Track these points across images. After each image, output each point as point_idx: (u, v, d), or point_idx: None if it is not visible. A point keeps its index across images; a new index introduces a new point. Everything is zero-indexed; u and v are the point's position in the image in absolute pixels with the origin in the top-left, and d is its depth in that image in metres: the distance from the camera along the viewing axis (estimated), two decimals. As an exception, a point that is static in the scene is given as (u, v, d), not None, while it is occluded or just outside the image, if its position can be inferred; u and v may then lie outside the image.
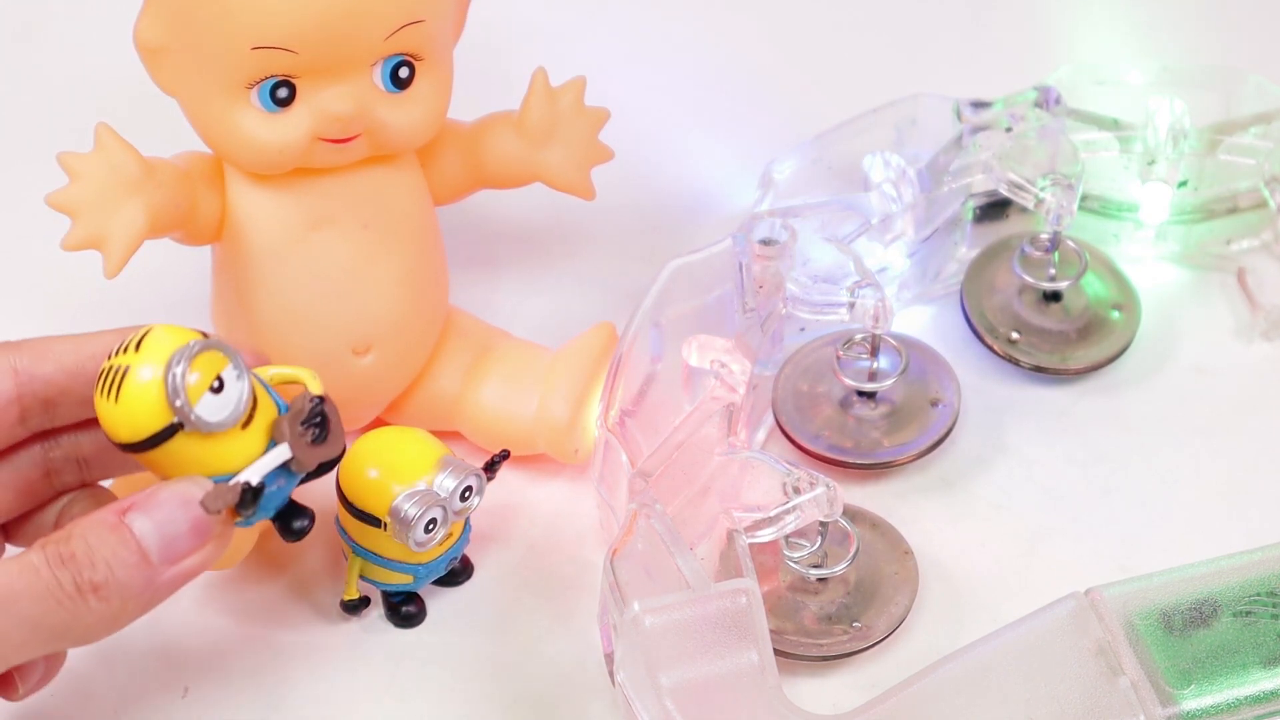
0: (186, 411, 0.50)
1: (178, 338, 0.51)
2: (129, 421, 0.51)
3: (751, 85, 0.81)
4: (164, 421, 0.51)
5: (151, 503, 0.50)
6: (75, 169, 0.58)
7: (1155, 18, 0.84)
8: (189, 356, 0.51)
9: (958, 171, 0.69)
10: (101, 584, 0.49)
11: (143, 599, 0.50)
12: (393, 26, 0.58)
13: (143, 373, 0.51)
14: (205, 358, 0.51)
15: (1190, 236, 0.72)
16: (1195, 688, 0.54)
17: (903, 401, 0.67)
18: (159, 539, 0.50)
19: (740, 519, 0.59)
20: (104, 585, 0.49)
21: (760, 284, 0.64)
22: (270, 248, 0.61)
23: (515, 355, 0.66)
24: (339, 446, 0.54)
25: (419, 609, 0.62)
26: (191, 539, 0.51)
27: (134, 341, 0.51)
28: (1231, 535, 0.63)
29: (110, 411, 0.51)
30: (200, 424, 0.51)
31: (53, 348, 0.54)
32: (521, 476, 0.66)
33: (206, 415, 0.51)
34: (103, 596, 0.49)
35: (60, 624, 0.49)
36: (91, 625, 0.50)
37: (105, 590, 0.49)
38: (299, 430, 0.53)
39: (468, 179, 0.65)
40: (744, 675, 0.54)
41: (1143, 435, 0.67)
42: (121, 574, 0.49)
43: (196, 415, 0.51)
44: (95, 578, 0.49)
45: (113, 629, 0.50)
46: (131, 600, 0.50)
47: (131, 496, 0.51)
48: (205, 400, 0.51)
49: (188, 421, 0.50)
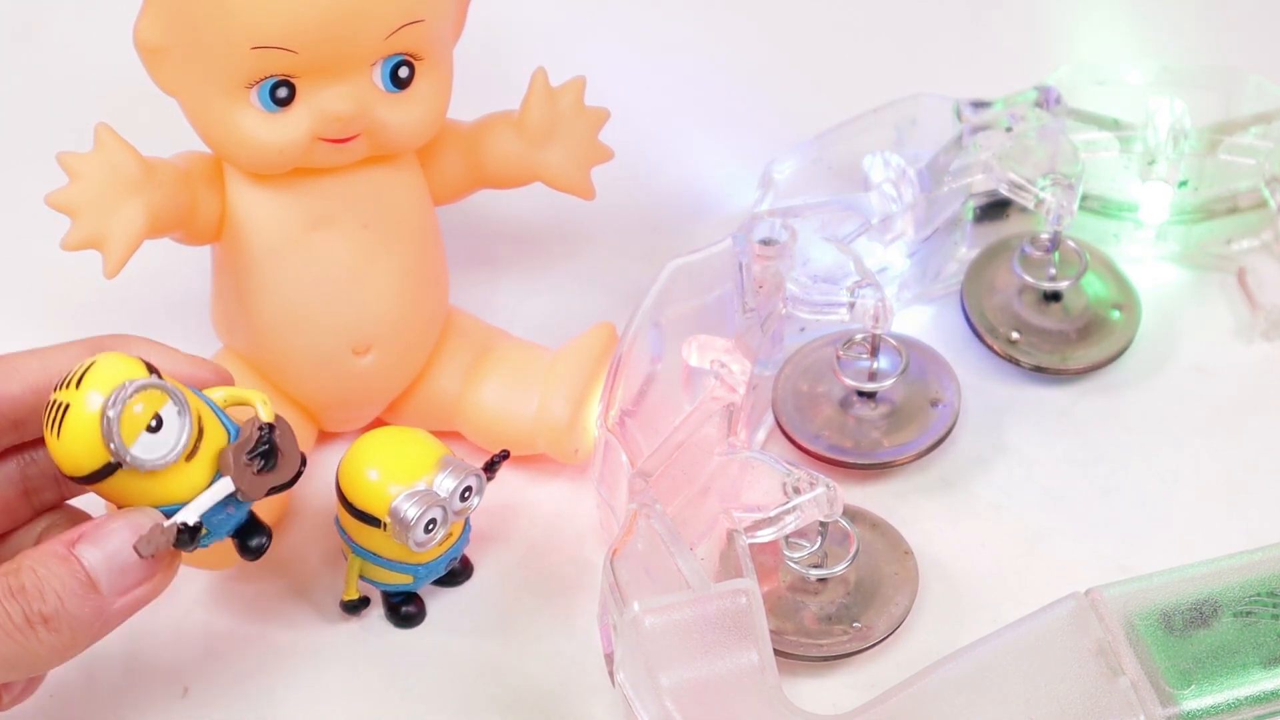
0: (121, 452, 0.50)
1: (120, 372, 0.51)
2: (70, 457, 0.51)
3: (751, 85, 0.81)
4: (102, 460, 0.50)
5: (100, 533, 0.50)
6: (75, 169, 0.58)
7: (1155, 18, 0.84)
8: (124, 398, 0.50)
9: (958, 171, 0.69)
10: (51, 615, 0.49)
11: (93, 629, 0.50)
12: (392, 26, 0.58)
13: (80, 411, 0.50)
14: (144, 396, 0.51)
15: (1190, 236, 0.72)
16: (1195, 688, 0.53)
17: (903, 401, 0.67)
18: (108, 570, 0.50)
19: (740, 519, 0.59)
20: (54, 617, 0.49)
21: (760, 284, 0.64)
22: (270, 248, 0.61)
23: (515, 355, 0.66)
24: (290, 471, 0.54)
25: (419, 609, 0.62)
26: (141, 569, 0.50)
27: (76, 376, 0.51)
28: (1231, 535, 0.63)
29: (54, 445, 0.51)
30: (137, 463, 0.50)
31: (18, 365, 0.53)
32: (521, 476, 0.66)
33: (142, 455, 0.50)
34: (53, 628, 0.49)
35: (10, 655, 0.49)
36: (42, 655, 0.49)
37: (55, 622, 0.49)
38: (244, 461, 0.52)
39: (468, 179, 0.65)
40: (744, 675, 0.54)
41: (1143, 435, 0.67)
42: (71, 605, 0.49)
43: (132, 455, 0.50)
44: (45, 609, 0.49)
45: (64, 658, 0.50)
46: (81, 631, 0.50)
47: (81, 527, 0.51)
48: (142, 440, 0.51)
49: (123, 461, 0.50)
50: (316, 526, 0.64)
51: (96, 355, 0.51)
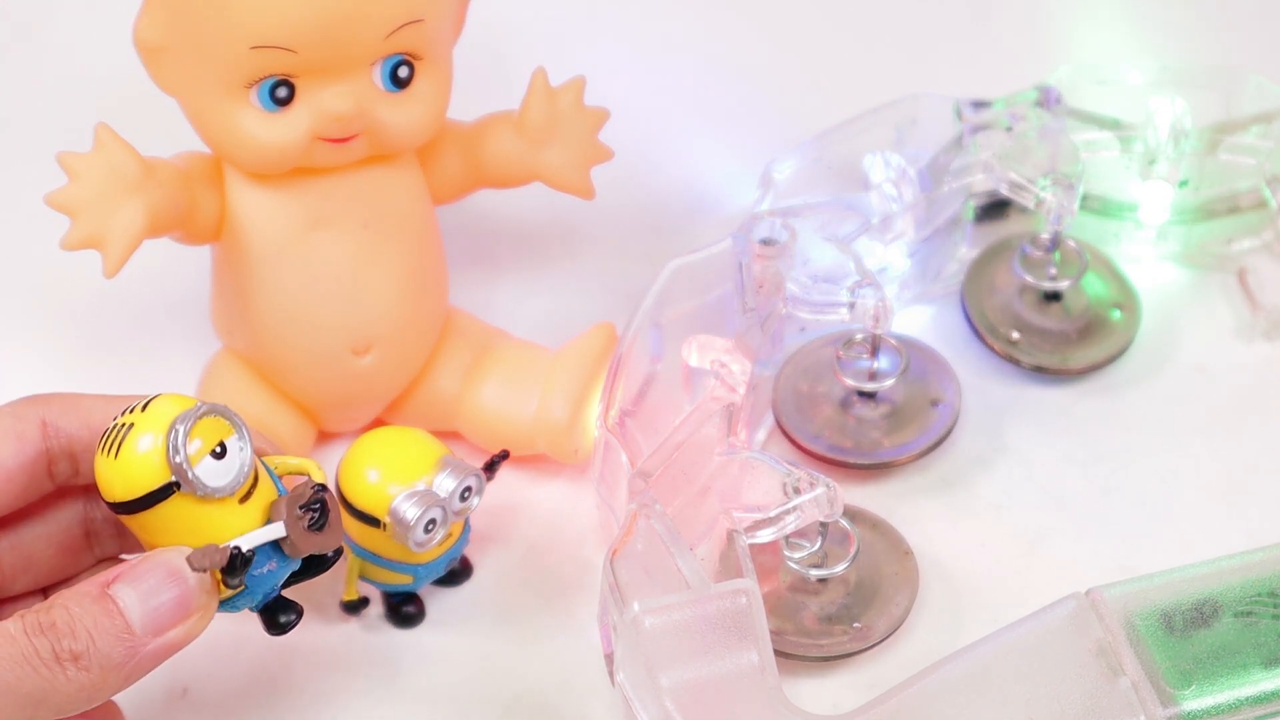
0: (185, 471, 0.50)
1: (185, 403, 0.51)
2: (125, 478, 0.50)
3: (751, 85, 0.81)
4: (161, 480, 0.50)
5: (136, 573, 0.50)
6: (75, 169, 0.58)
7: (1155, 18, 0.83)
8: (194, 417, 0.50)
9: (958, 171, 0.69)
10: (81, 653, 0.49)
11: (124, 670, 0.49)
12: (392, 26, 0.58)
13: (145, 431, 0.50)
14: (210, 422, 0.50)
15: (1191, 236, 0.72)
16: (1196, 688, 0.53)
17: (903, 401, 0.67)
18: (142, 610, 0.49)
19: (740, 519, 0.59)
20: (84, 655, 0.49)
21: (760, 284, 0.64)
22: (270, 248, 0.61)
23: (515, 355, 0.66)
24: (336, 541, 0.53)
25: (419, 609, 0.62)
26: (176, 611, 0.50)
27: (140, 404, 0.51)
28: (1232, 535, 0.63)
29: (108, 468, 0.50)
30: (198, 486, 0.50)
31: (81, 403, 0.53)
32: (521, 476, 0.66)
33: (205, 478, 0.50)
34: (82, 666, 0.49)
35: (36, 691, 0.48)
36: (70, 694, 0.49)
37: (85, 660, 0.49)
38: (297, 513, 0.52)
39: (467, 179, 0.65)
40: (744, 675, 0.54)
41: (1143, 435, 0.67)
42: (103, 644, 0.49)
43: (195, 476, 0.50)
44: (75, 647, 0.48)
45: (93, 700, 0.49)
46: (112, 671, 0.49)
47: (117, 568, 0.50)
48: (205, 463, 0.50)
49: (185, 481, 0.50)
50: (316, 526, 0.64)
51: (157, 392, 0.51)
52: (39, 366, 0.70)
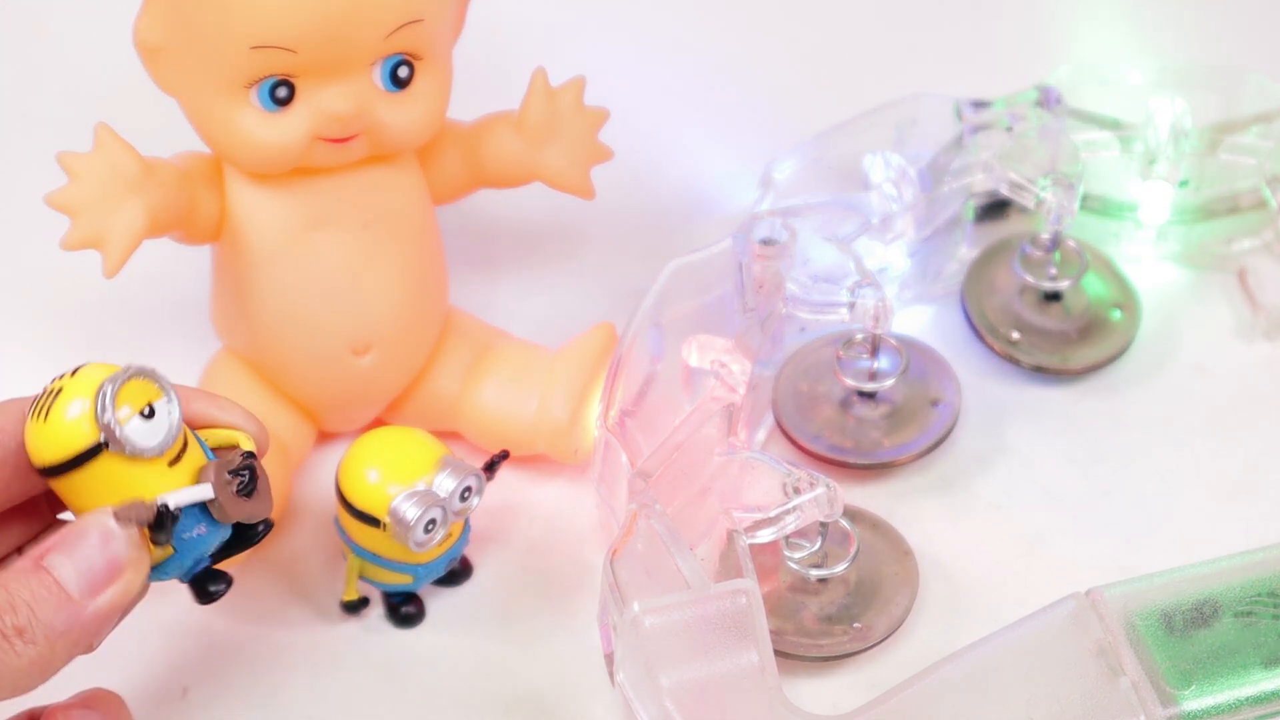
0: (113, 429, 0.50)
1: (113, 370, 0.51)
2: (54, 440, 0.50)
3: (751, 85, 0.81)
4: (89, 440, 0.50)
5: (66, 540, 0.50)
6: (75, 169, 0.58)
7: (1155, 18, 0.83)
8: (122, 379, 0.50)
9: (958, 171, 0.69)
10: (24, 627, 0.49)
11: (69, 637, 0.50)
12: (392, 26, 0.58)
13: (74, 394, 0.50)
14: (139, 384, 0.51)
15: (1191, 236, 0.72)
16: (1196, 688, 0.53)
17: (903, 401, 0.67)
18: (77, 575, 0.50)
19: (740, 519, 0.59)
20: (27, 628, 0.49)
21: (760, 284, 0.64)
22: (270, 248, 0.61)
23: (515, 355, 0.66)
24: (265, 509, 0.53)
25: (419, 609, 0.62)
26: (109, 570, 0.50)
27: (70, 371, 0.51)
28: (1232, 535, 0.63)
29: (37, 431, 0.50)
30: (126, 445, 0.50)
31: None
32: (521, 476, 0.66)
33: (134, 437, 0.50)
34: (28, 639, 0.49)
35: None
36: (22, 670, 0.49)
37: (29, 633, 0.49)
38: (225, 478, 0.52)
39: (467, 179, 0.65)
40: (744, 675, 0.54)
41: (1143, 435, 0.67)
42: (43, 614, 0.49)
43: (123, 434, 0.50)
44: (17, 622, 0.49)
45: (46, 673, 0.50)
46: (58, 639, 0.49)
47: (49, 540, 0.50)
48: (134, 423, 0.50)
49: (113, 440, 0.50)
50: (316, 527, 0.64)
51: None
52: (39, 366, 0.70)
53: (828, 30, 0.84)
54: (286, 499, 0.64)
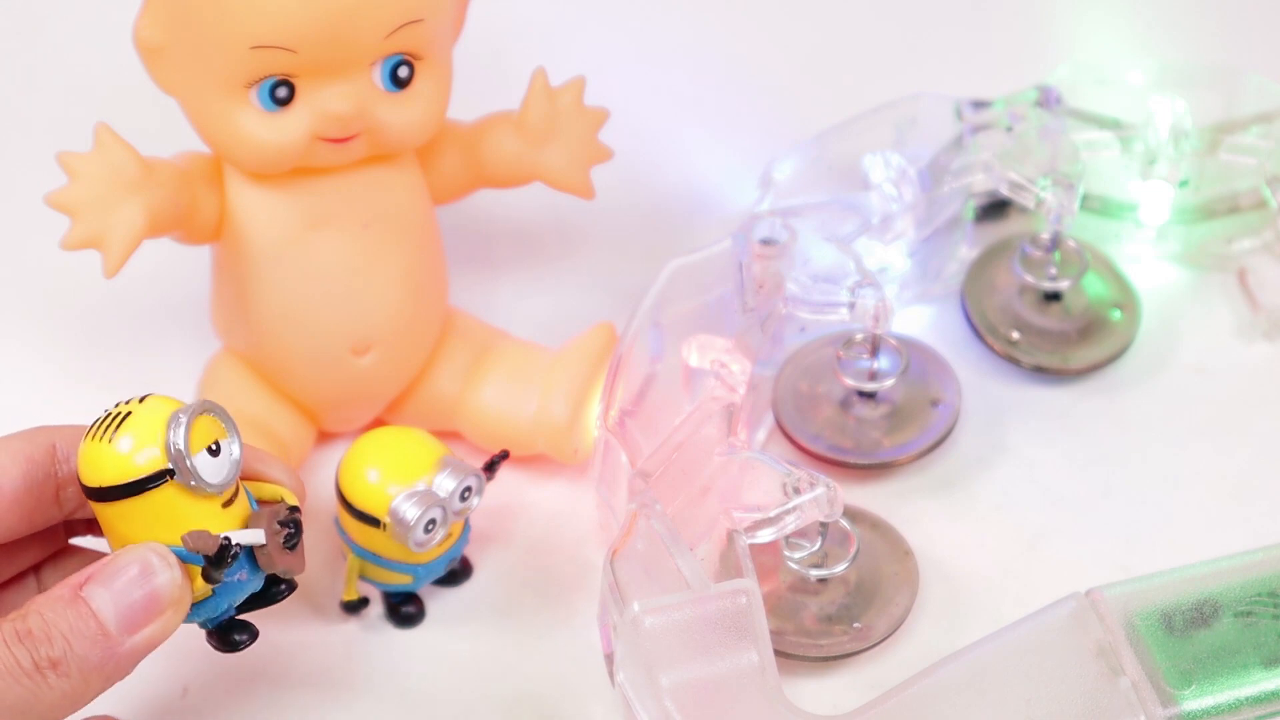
0: (184, 459, 0.49)
1: (178, 404, 0.51)
2: (117, 462, 0.49)
3: (751, 85, 0.81)
4: (157, 466, 0.50)
5: (107, 572, 0.49)
6: (75, 169, 0.58)
7: (1155, 17, 0.83)
8: (196, 411, 0.50)
9: (958, 171, 0.69)
10: (60, 659, 0.48)
11: (103, 672, 0.49)
12: (392, 26, 0.58)
13: (144, 418, 0.50)
14: (209, 420, 0.51)
15: (1191, 236, 0.72)
16: (1196, 688, 0.53)
17: (903, 401, 0.67)
18: (116, 610, 0.49)
19: (740, 519, 0.59)
20: (62, 661, 0.48)
21: (760, 284, 0.64)
22: (270, 248, 0.61)
23: (515, 355, 0.66)
24: (300, 566, 0.53)
25: (418, 609, 0.62)
26: (150, 607, 0.50)
27: (136, 397, 0.51)
28: (1232, 535, 0.63)
29: (99, 452, 0.50)
30: (193, 476, 0.50)
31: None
32: (521, 476, 0.66)
33: (201, 469, 0.50)
34: (62, 673, 0.48)
35: (20, 701, 0.48)
36: (54, 703, 0.48)
37: (64, 666, 0.48)
38: (275, 526, 0.52)
39: (467, 179, 0.65)
40: (744, 675, 0.54)
41: (1143, 435, 0.67)
42: (79, 648, 0.48)
43: (193, 465, 0.50)
44: (53, 654, 0.48)
45: (75, 706, 0.49)
46: (92, 674, 0.49)
47: (88, 569, 0.50)
48: (202, 457, 0.50)
49: (181, 470, 0.50)
50: (316, 527, 0.64)
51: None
52: (39, 366, 0.70)
53: (828, 30, 0.84)
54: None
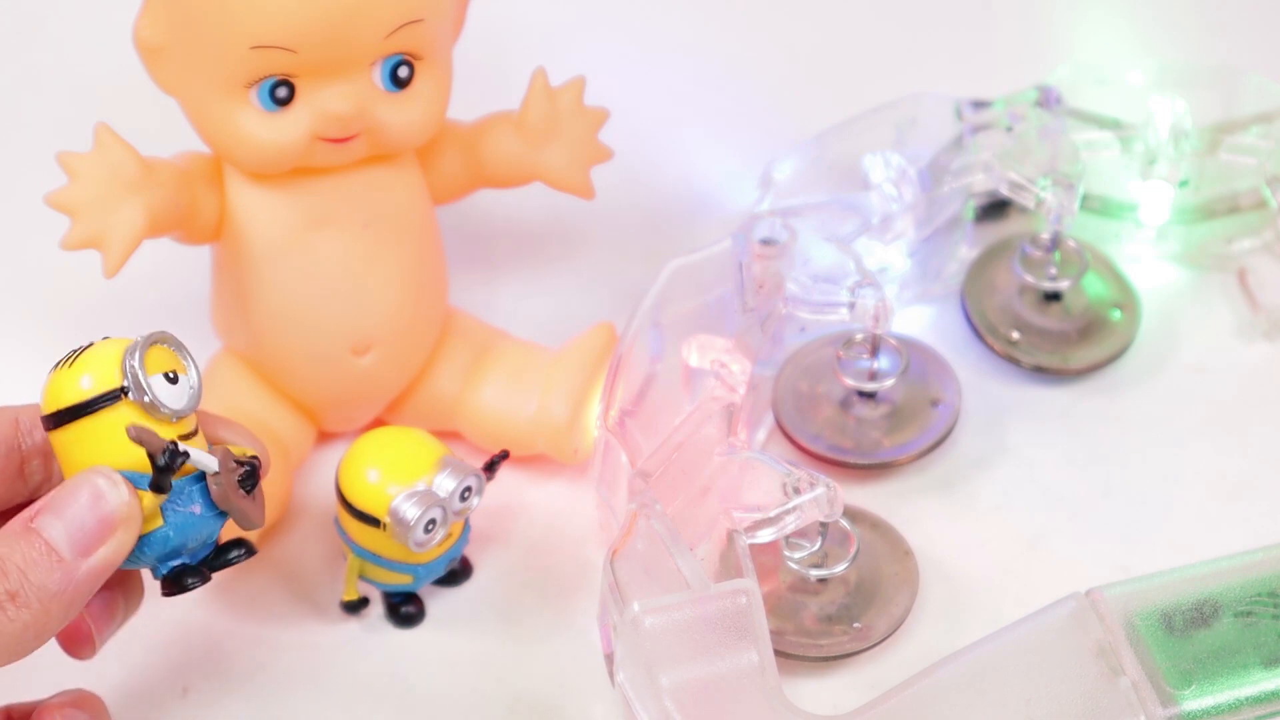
0: (140, 376, 0.50)
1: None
2: (73, 383, 0.50)
3: (751, 85, 0.81)
4: (112, 383, 0.50)
5: (57, 501, 0.50)
6: (75, 169, 0.58)
7: (1155, 17, 0.83)
8: (152, 339, 0.51)
9: (958, 171, 0.69)
10: (16, 590, 0.48)
11: (62, 599, 0.49)
12: (392, 26, 0.58)
13: (102, 348, 0.51)
14: (165, 351, 0.51)
15: (1191, 236, 0.72)
16: (1196, 688, 0.53)
17: (903, 401, 0.67)
18: (69, 535, 0.49)
19: (740, 519, 0.59)
20: (19, 592, 0.49)
21: (760, 284, 0.64)
22: (270, 248, 0.61)
23: (515, 355, 0.66)
24: (258, 519, 0.53)
25: (419, 609, 0.62)
26: (102, 528, 0.50)
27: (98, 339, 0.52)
28: (1232, 535, 0.63)
29: (58, 378, 0.51)
30: (148, 395, 0.50)
31: None
32: (521, 476, 0.66)
33: (158, 391, 0.51)
34: (20, 603, 0.49)
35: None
36: (16, 634, 0.49)
37: (22, 597, 0.49)
38: (232, 464, 0.52)
39: (467, 179, 0.65)
40: (744, 675, 0.54)
41: (1143, 435, 0.67)
42: (35, 576, 0.49)
43: (148, 386, 0.50)
44: (9, 586, 0.48)
45: (41, 636, 0.49)
46: (51, 602, 0.49)
47: (39, 502, 0.50)
48: (158, 380, 0.51)
49: (137, 388, 0.50)
50: (316, 526, 0.64)
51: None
52: (39, 366, 0.70)
53: (828, 30, 0.84)
54: (286, 499, 0.64)
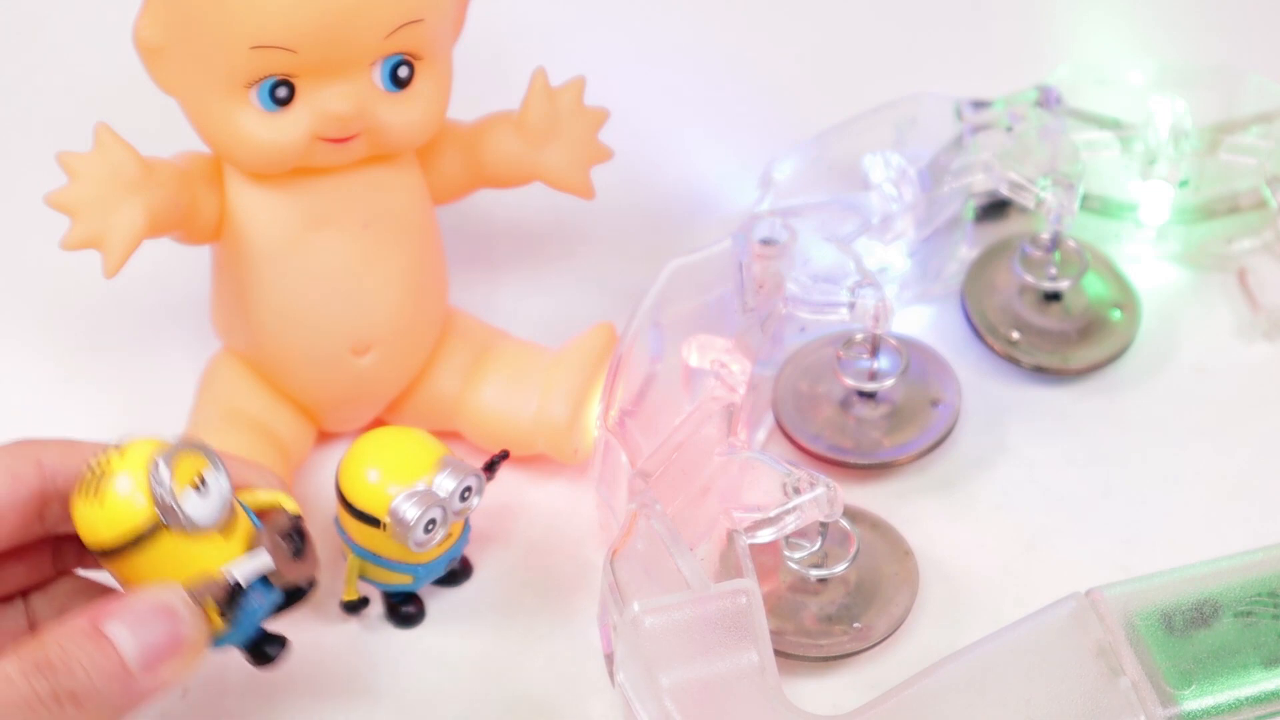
0: (172, 508, 0.50)
1: (159, 444, 0.51)
2: (110, 522, 0.50)
3: (751, 85, 0.81)
4: (148, 521, 0.50)
5: (129, 610, 0.49)
6: (75, 169, 0.58)
7: (1155, 17, 0.84)
8: (174, 453, 0.50)
9: (958, 171, 0.69)
10: (79, 693, 0.48)
11: (120, 710, 0.49)
12: (392, 26, 0.58)
13: (125, 470, 0.50)
14: (188, 456, 0.51)
15: (1191, 236, 0.72)
16: (1196, 688, 0.53)
17: (903, 401, 0.67)
18: (137, 648, 0.49)
19: (740, 519, 0.59)
20: (82, 694, 0.48)
21: (760, 284, 0.64)
22: (270, 248, 0.61)
23: (515, 355, 0.66)
24: (314, 567, 0.54)
25: (419, 609, 0.62)
26: (170, 647, 0.50)
27: (115, 447, 0.51)
28: (1232, 535, 0.63)
29: (91, 513, 0.50)
30: (185, 522, 0.50)
31: (78, 449, 0.53)
32: (521, 476, 0.66)
33: (192, 513, 0.50)
34: (81, 705, 0.48)
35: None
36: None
37: (83, 700, 0.48)
38: (279, 542, 0.52)
39: (467, 179, 0.65)
40: (744, 675, 0.54)
41: (1143, 435, 0.67)
42: (100, 683, 0.48)
43: (182, 512, 0.50)
44: (74, 686, 0.48)
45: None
46: (109, 710, 0.49)
47: (108, 603, 0.50)
48: (188, 497, 0.50)
49: (172, 520, 0.50)
50: (316, 526, 0.64)
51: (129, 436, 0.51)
52: (39, 366, 0.70)
53: (828, 30, 0.84)
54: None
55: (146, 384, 0.69)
